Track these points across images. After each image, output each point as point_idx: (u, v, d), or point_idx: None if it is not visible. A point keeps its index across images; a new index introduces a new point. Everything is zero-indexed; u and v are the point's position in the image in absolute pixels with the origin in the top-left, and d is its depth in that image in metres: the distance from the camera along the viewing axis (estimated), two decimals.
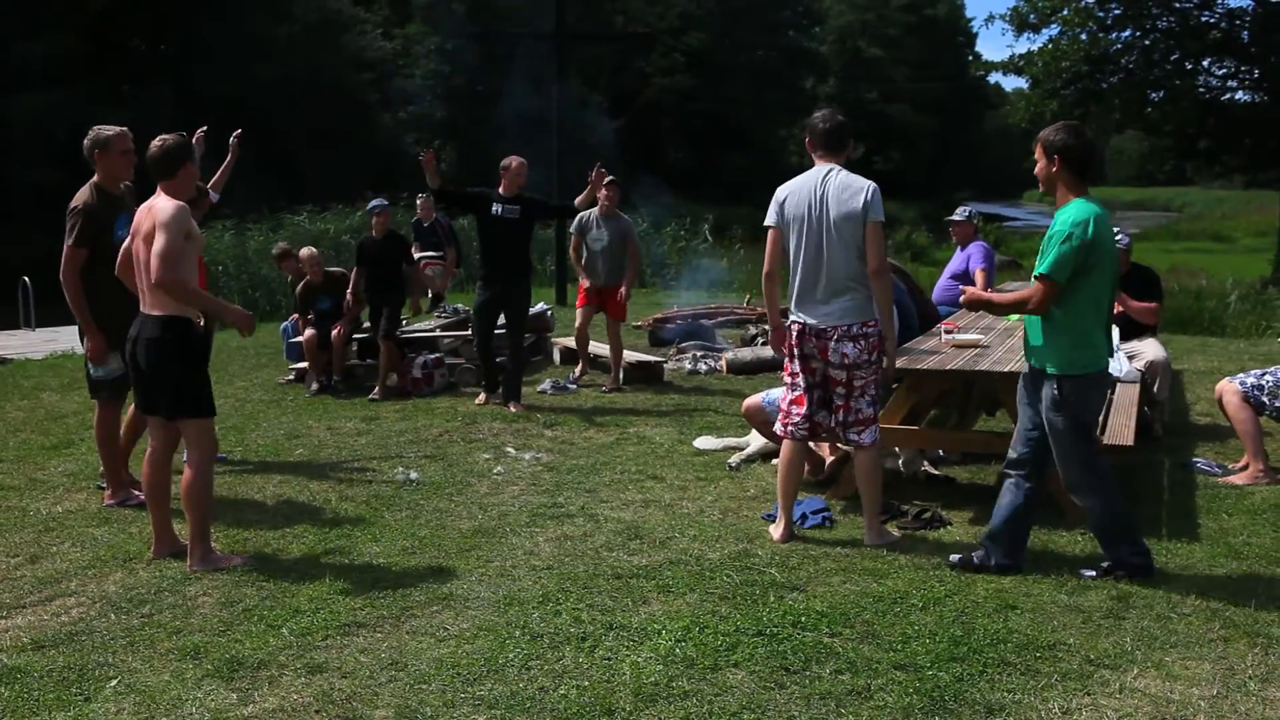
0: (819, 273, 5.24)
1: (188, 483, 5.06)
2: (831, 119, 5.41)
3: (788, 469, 5.47)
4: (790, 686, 3.82)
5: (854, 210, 5.18)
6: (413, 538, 5.52)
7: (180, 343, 5.03)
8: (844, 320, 5.23)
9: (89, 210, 5.93)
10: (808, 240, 5.25)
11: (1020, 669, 3.95)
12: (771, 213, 5.36)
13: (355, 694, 3.78)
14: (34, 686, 3.86)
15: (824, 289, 5.24)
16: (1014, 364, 5.98)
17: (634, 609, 4.52)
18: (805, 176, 5.34)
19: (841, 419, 5.35)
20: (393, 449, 7.47)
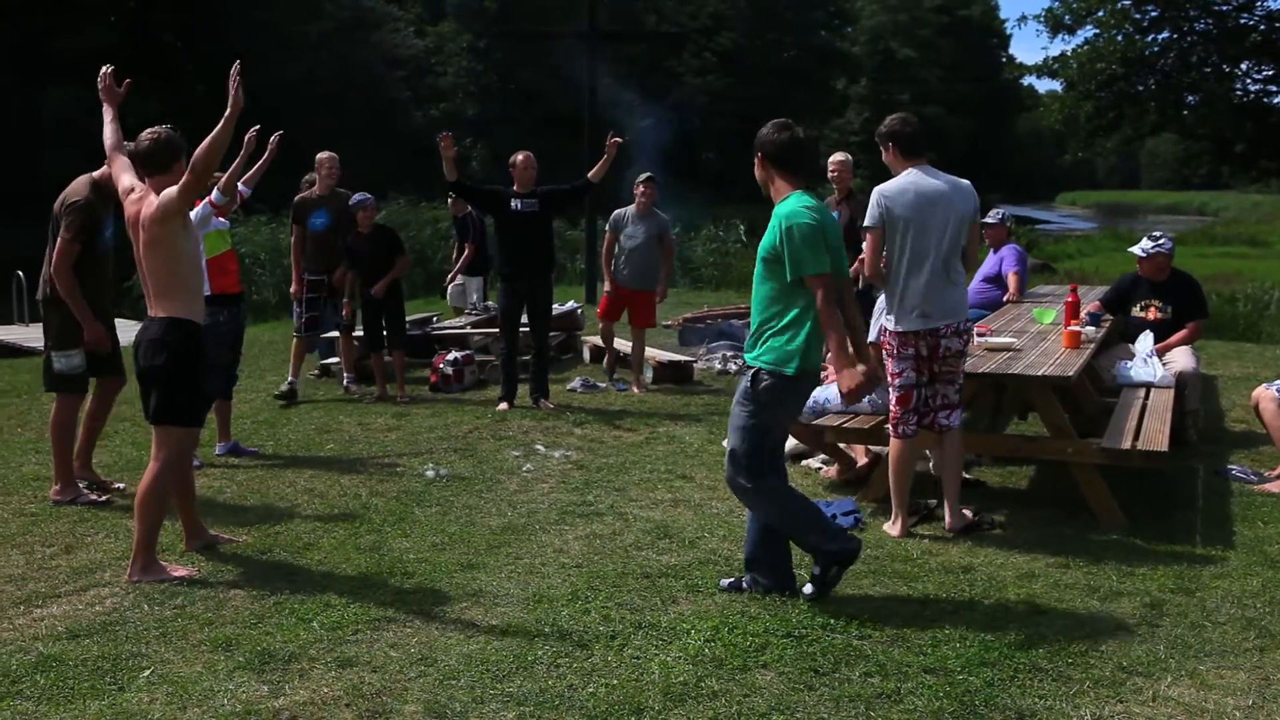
0: (939, 274, 5.32)
1: (143, 488, 4.89)
2: (911, 123, 5.48)
3: (900, 467, 5.55)
4: (819, 688, 3.81)
5: (966, 211, 5.37)
6: (442, 534, 5.53)
7: (179, 346, 4.87)
8: (955, 318, 5.37)
9: (89, 206, 5.89)
10: (919, 241, 5.29)
11: (1051, 675, 3.93)
12: (874, 214, 5.36)
13: (385, 688, 3.80)
14: (69, 675, 3.89)
15: (943, 290, 5.33)
16: (1047, 368, 5.94)
17: (663, 608, 4.52)
18: (906, 180, 5.37)
19: (933, 404, 5.48)
20: (423, 445, 7.50)
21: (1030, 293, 9.65)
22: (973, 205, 5.41)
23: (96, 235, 5.95)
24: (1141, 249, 7.78)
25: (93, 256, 5.95)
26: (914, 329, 5.36)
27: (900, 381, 5.47)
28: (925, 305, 5.33)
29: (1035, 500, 6.28)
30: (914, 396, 5.47)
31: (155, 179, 4.91)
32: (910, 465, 5.59)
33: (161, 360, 4.86)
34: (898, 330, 5.41)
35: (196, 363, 4.96)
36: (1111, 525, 5.65)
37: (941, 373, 5.44)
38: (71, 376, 6.04)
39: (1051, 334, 7.07)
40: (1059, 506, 5.97)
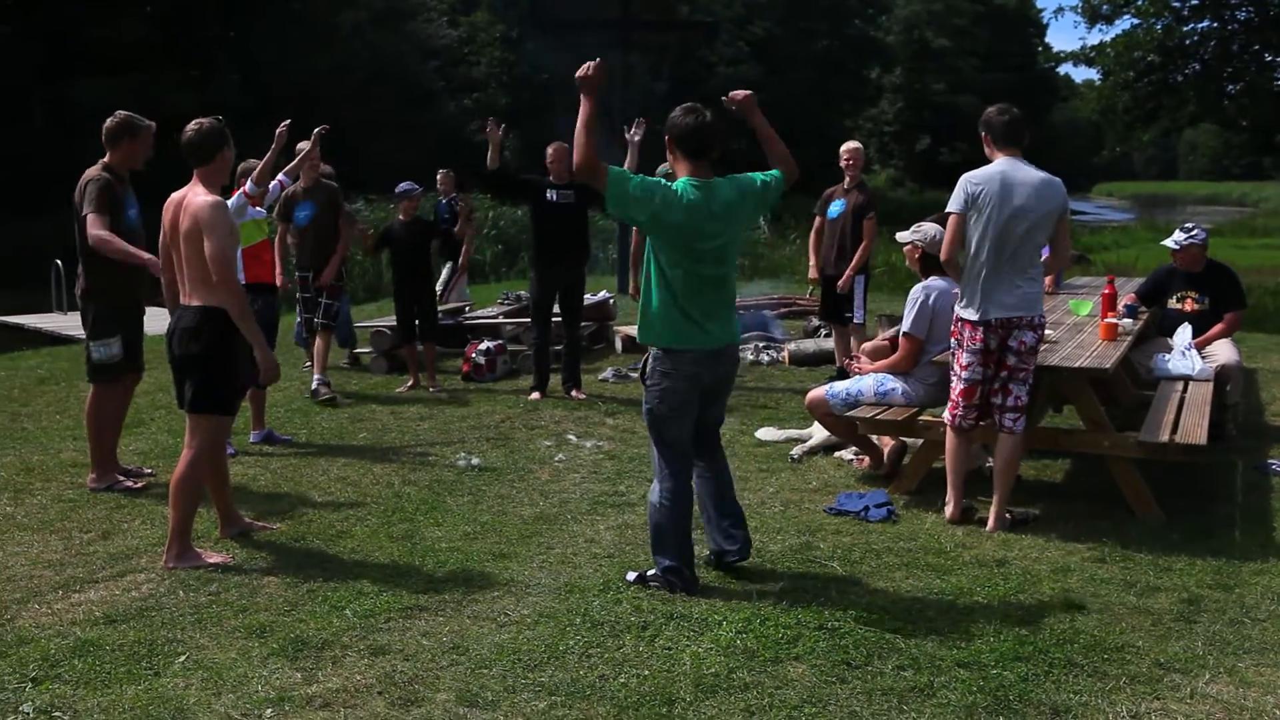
0: (1015, 266, 5.28)
1: (179, 476, 4.92)
2: (1009, 112, 5.44)
3: (955, 456, 5.56)
4: (852, 681, 3.79)
5: (1053, 206, 5.30)
6: (474, 523, 5.55)
7: (214, 335, 4.90)
8: (1030, 311, 5.32)
9: (107, 183, 5.92)
10: (1000, 232, 5.26)
11: (1087, 670, 3.89)
12: (959, 199, 5.34)
13: (417, 676, 3.81)
14: (106, 659, 3.93)
15: (1017, 282, 5.29)
16: (1084, 360, 5.88)
17: (694, 599, 4.50)
18: (994, 169, 5.33)
19: (1000, 402, 5.43)
20: (455, 434, 7.52)
21: (1066, 284, 9.56)
22: (1060, 202, 5.34)
23: (120, 214, 5.98)
24: (1174, 241, 7.68)
25: (119, 233, 5.95)
26: (987, 319, 5.32)
27: (967, 375, 5.43)
28: (1001, 296, 5.29)
29: (1070, 494, 6.23)
30: (978, 392, 5.43)
31: (200, 169, 4.98)
32: (964, 455, 5.58)
33: (196, 348, 4.90)
34: (970, 320, 5.38)
35: (231, 351, 4.98)
36: (1148, 520, 5.59)
37: (1014, 369, 5.38)
38: (107, 366, 6.08)
39: (1088, 326, 7.00)
40: (1094, 500, 5.92)
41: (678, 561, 4.59)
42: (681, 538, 4.61)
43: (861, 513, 5.67)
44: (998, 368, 5.42)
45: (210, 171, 4.98)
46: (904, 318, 6.29)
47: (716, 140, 4.65)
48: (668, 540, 4.60)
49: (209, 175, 4.98)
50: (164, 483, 6.21)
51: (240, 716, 3.54)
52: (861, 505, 5.74)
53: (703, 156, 4.63)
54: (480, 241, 21.67)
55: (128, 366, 6.20)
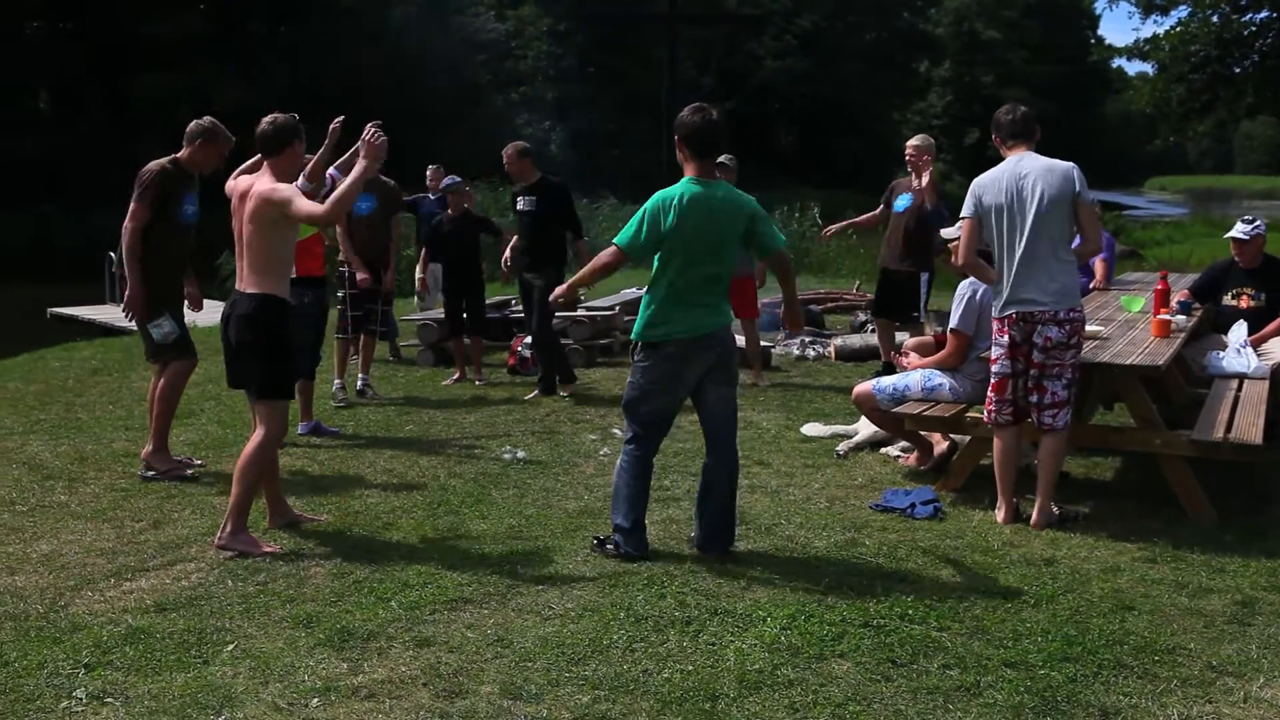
0: (1030, 259, 5.26)
1: (247, 455, 5.05)
2: (1014, 109, 5.52)
3: (1003, 456, 5.51)
4: (897, 679, 3.77)
5: (1059, 192, 5.25)
6: (519, 516, 5.57)
7: (272, 322, 5.07)
8: (1055, 305, 5.27)
9: (164, 175, 6.10)
10: (1015, 228, 5.27)
11: (1137, 672, 3.83)
12: (969, 204, 5.39)
13: (461, 668, 3.83)
14: (156, 647, 3.99)
15: (1035, 275, 5.26)
16: (1135, 357, 5.80)
17: (739, 595, 4.50)
18: (1002, 167, 5.38)
19: (1036, 400, 5.37)
20: (500, 428, 7.55)
21: (1118, 280, 9.43)
22: (1069, 187, 5.26)
23: (175, 208, 6.13)
24: (1241, 232, 7.53)
25: (170, 227, 6.13)
26: (1005, 314, 5.34)
27: (995, 369, 5.44)
28: (1017, 291, 5.29)
29: (1121, 492, 6.15)
30: (1008, 386, 5.39)
31: (271, 160, 5.17)
32: (1010, 454, 5.51)
33: (257, 336, 5.07)
34: (995, 316, 5.43)
35: (286, 338, 5.16)
36: (1201, 520, 5.50)
37: (1044, 366, 5.31)
38: (170, 345, 6.23)
39: (1140, 322, 6.90)
40: (1145, 499, 5.83)
41: (628, 522, 4.91)
42: (634, 500, 4.93)
43: (908, 510, 5.63)
44: (1027, 363, 5.37)
45: (280, 162, 5.17)
46: (951, 314, 6.23)
47: (723, 139, 4.90)
48: (621, 502, 4.95)
49: (279, 166, 5.17)
50: (214, 473, 6.29)
51: (287, 706, 3.57)
52: (908, 502, 5.70)
53: (710, 155, 4.87)
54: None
55: (186, 349, 6.31)
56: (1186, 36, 27.04)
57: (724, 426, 5.03)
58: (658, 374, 4.88)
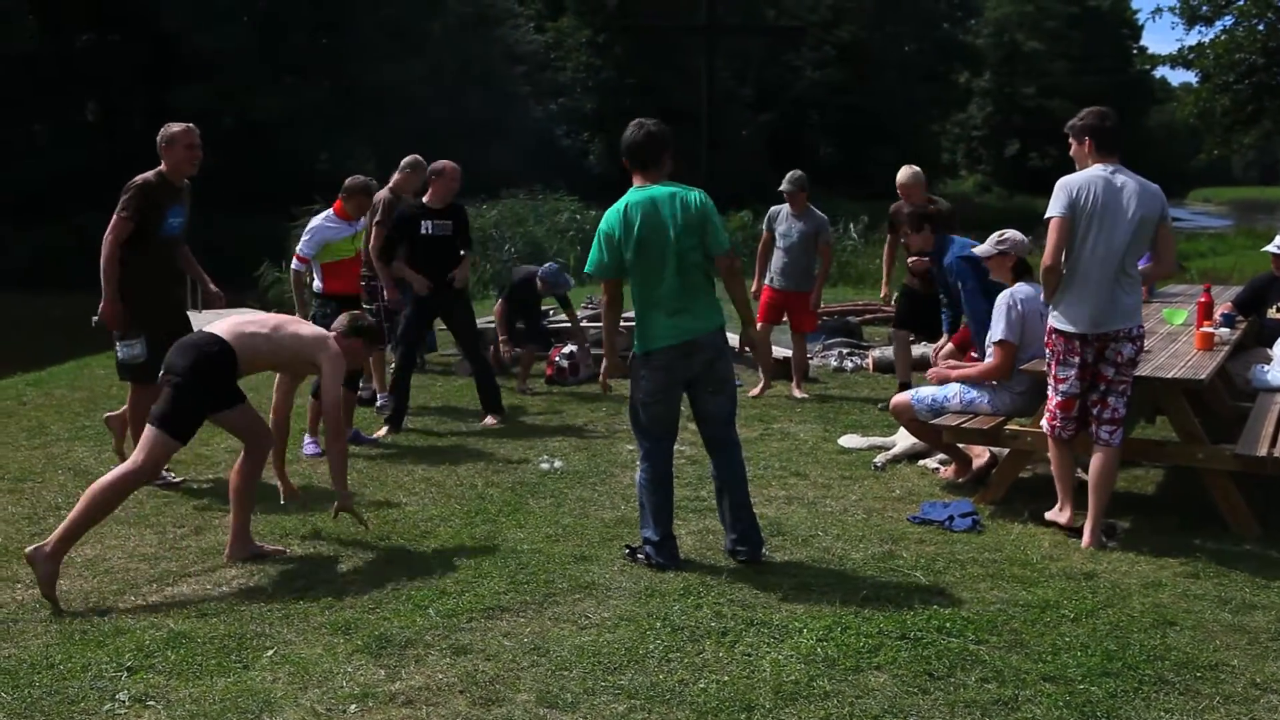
0: (1116, 275, 5.15)
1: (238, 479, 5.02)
2: (1110, 118, 5.32)
3: (1061, 463, 5.50)
4: (934, 692, 3.75)
5: (1152, 213, 5.15)
6: (556, 525, 5.58)
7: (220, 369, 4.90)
8: (1132, 322, 5.20)
9: (147, 187, 6.09)
10: (1102, 239, 5.12)
11: (1179, 689, 3.79)
12: (1061, 203, 5.16)
13: (498, 676, 3.85)
14: (197, 651, 4.03)
15: (1116, 291, 5.16)
16: (1178, 370, 5.74)
17: (775, 606, 4.49)
18: (1094, 174, 5.18)
19: (1097, 414, 5.32)
20: (538, 437, 7.57)
21: (1160, 292, 9.33)
22: (1160, 208, 5.19)
23: (157, 221, 6.13)
24: (1277, 246, 7.44)
25: (153, 241, 6.12)
26: (1083, 332, 5.18)
27: (1064, 388, 5.30)
28: (1099, 307, 5.15)
29: (1163, 507, 6.08)
30: (1076, 404, 5.31)
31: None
32: (1070, 462, 5.49)
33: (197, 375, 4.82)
34: (1067, 332, 5.22)
35: (217, 389, 4.91)
36: (1245, 535, 5.43)
37: (1112, 382, 5.25)
38: (137, 366, 6.14)
39: (1183, 335, 6.83)
40: (1188, 514, 5.77)
41: (656, 535, 4.95)
42: (657, 513, 4.96)
43: (946, 522, 5.60)
44: (1094, 379, 5.29)
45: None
46: (994, 326, 6.17)
47: (664, 149, 4.95)
48: (646, 516, 5.00)
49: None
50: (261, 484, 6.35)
51: (325, 711, 3.60)
52: (946, 514, 5.67)
53: (652, 166, 4.94)
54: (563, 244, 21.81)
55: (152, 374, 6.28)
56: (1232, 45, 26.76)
57: (720, 432, 5.04)
58: (650, 384, 4.92)
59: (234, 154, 30.23)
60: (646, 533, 4.99)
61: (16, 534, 5.36)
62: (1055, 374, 5.35)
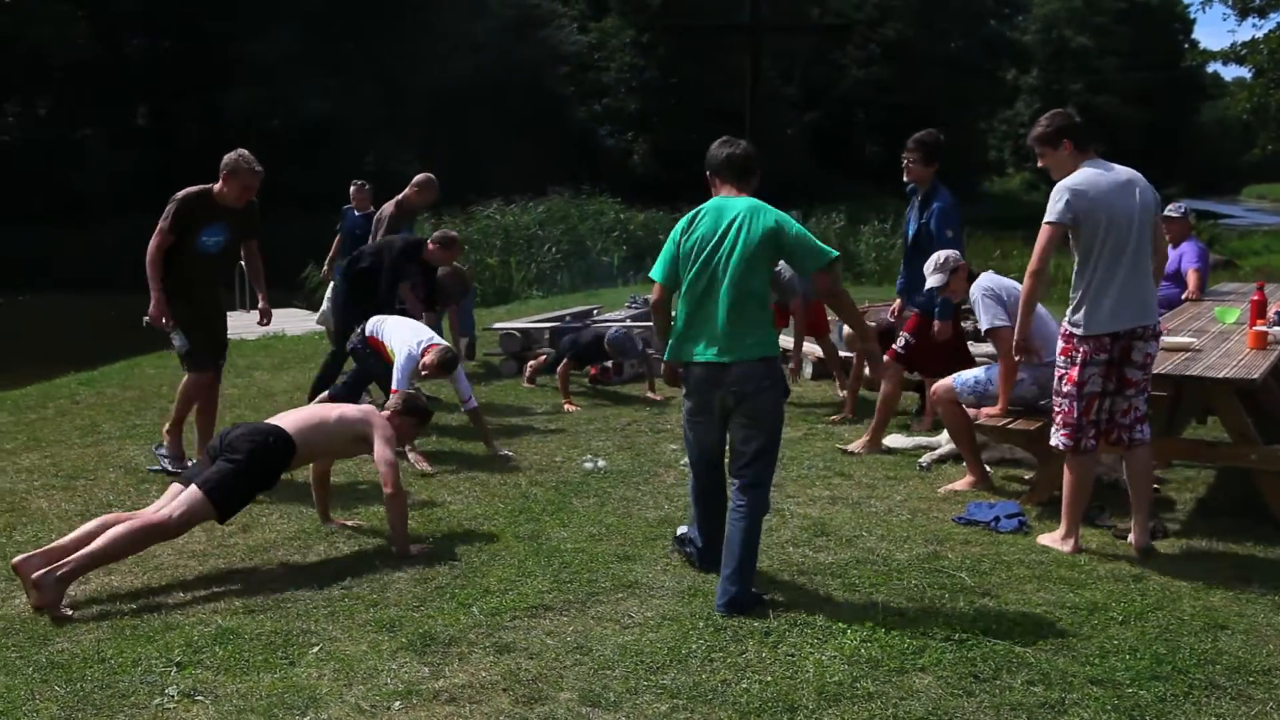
0: (1137, 273, 5.01)
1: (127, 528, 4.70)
2: (1077, 115, 5.26)
3: (1081, 483, 5.17)
4: (979, 694, 3.71)
5: (1150, 202, 5.07)
6: (599, 525, 5.59)
7: (273, 457, 5.04)
8: (1150, 319, 5.06)
9: (186, 202, 6.31)
10: (1118, 240, 4.95)
11: (1231, 693, 3.73)
12: (1060, 209, 4.96)
13: (541, 675, 3.86)
14: (244, 648, 4.08)
15: (1139, 289, 5.02)
16: (1229, 369, 5.65)
17: (819, 606, 4.47)
18: (1091, 172, 5.01)
19: (1121, 419, 5.14)
20: (581, 437, 7.59)
21: (1211, 291, 9.20)
22: (1154, 196, 5.11)
23: (194, 237, 6.33)
24: None
25: (188, 254, 6.35)
26: (1109, 330, 4.99)
27: (1087, 389, 5.05)
28: (1122, 305, 4.99)
29: (1214, 509, 5.99)
30: (1095, 406, 5.09)
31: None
32: (1090, 481, 5.26)
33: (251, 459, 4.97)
34: (1090, 334, 5.01)
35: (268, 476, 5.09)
36: None
37: (1138, 384, 5.08)
38: (185, 355, 6.49)
39: (1234, 334, 6.72)
40: (1240, 516, 5.68)
41: (700, 542, 4.89)
42: (702, 523, 4.87)
43: (992, 523, 5.55)
44: (1118, 383, 5.08)
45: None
46: (983, 318, 6.15)
47: (754, 166, 4.73)
48: (694, 520, 4.95)
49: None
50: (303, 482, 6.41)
51: (369, 708, 3.63)
52: (992, 515, 5.61)
53: (743, 180, 4.68)
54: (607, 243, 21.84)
55: (196, 363, 6.52)
56: None
57: (746, 469, 4.53)
58: (689, 402, 4.65)
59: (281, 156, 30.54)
60: (692, 533, 4.96)
61: (70, 530, 5.43)
62: (1073, 377, 5.05)
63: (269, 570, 4.94)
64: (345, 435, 5.25)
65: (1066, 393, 5.09)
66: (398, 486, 5.12)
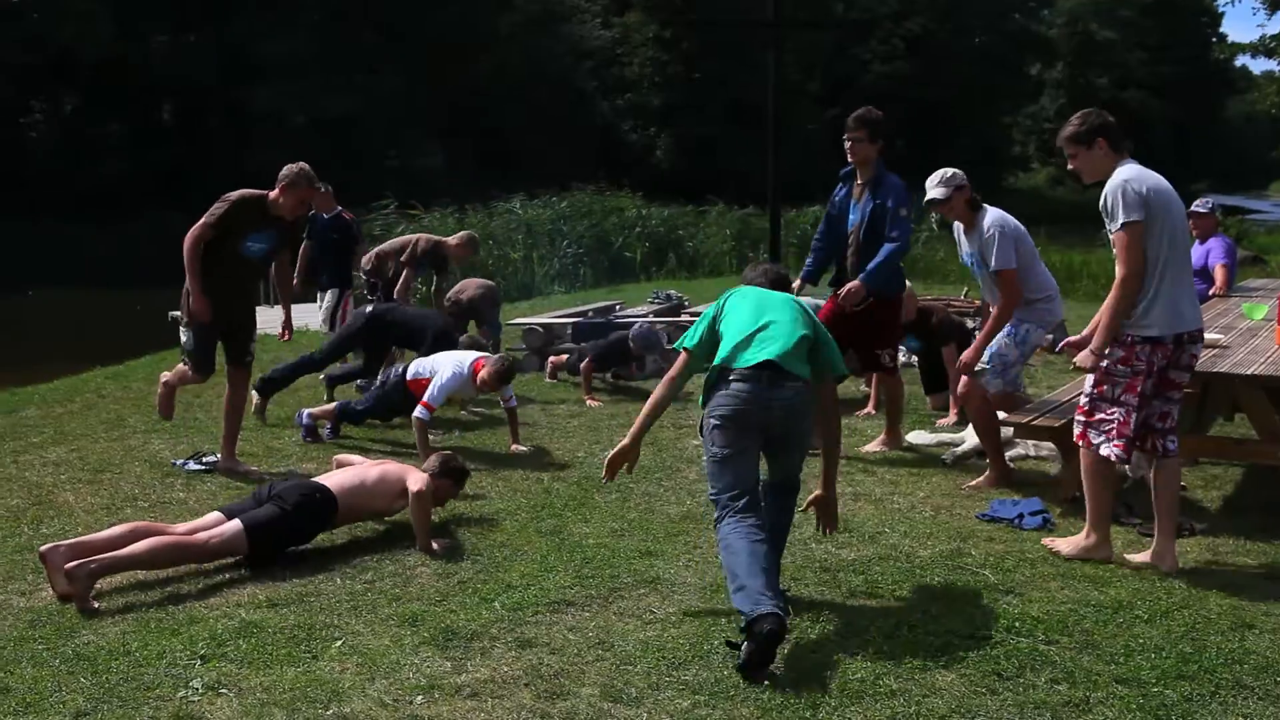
0: (1186, 274, 4.90)
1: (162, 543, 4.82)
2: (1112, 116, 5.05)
3: (1108, 487, 4.98)
4: (1002, 693, 3.69)
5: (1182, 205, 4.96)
6: (622, 520, 5.59)
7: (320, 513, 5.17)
8: (1199, 322, 4.91)
9: (239, 205, 6.35)
10: (1173, 237, 4.79)
11: (1258, 693, 3.70)
12: (1137, 206, 4.68)
13: (563, 670, 3.86)
14: (268, 641, 4.10)
15: (1188, 290, 4.88)
16: (1258, 366, 5.60)
17: (841, 603, 4.45)
18: (1146, 171, 4.82)
19: (1159, 426, 4.90)
20: (604, 432, 7.59)
21: (1239, 287, 9.13)
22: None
23: (238, 239, 6.35)
24: None
25: (228, 254, 6.35)
26: (1167, 334, 4.74)
27: (1135, 399, 4.78)
28: (1188, 305, 4.82)
29: (1241, 507, 5.93)
30: (1135, 417, 4.80)
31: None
32: (1113, 485, 5.07)
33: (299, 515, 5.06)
34: (1164, 337, 4.74)
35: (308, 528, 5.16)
36: None
37: (1180, 384, 4.90)
38: (189, 352, 6.53)
39: (1262, 331, 6.66)
40: (1268, 514, 5.63)
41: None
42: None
43: (1015, 520, 5.52)
44: (1161, 388, 4.89)
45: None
46: (996, 256, 6.08)
47: (788, 281, 4.91)
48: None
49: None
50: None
51: (392, 702, 3.64)
52: (1016, 512, 5.58)
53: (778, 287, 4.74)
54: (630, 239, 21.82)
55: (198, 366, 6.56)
56: None
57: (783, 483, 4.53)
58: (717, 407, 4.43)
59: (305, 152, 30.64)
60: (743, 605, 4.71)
61: (95, 524, 5.47)
62: (1137, 387, 4.77)
63: (292, 564, 4.96)
64: (386, 493, 5.29)
65: (1126, 402, 4.78)
66: (424, 486, 5.15)
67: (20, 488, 6.25)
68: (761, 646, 3.72)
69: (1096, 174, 4.92)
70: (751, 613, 3.80)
